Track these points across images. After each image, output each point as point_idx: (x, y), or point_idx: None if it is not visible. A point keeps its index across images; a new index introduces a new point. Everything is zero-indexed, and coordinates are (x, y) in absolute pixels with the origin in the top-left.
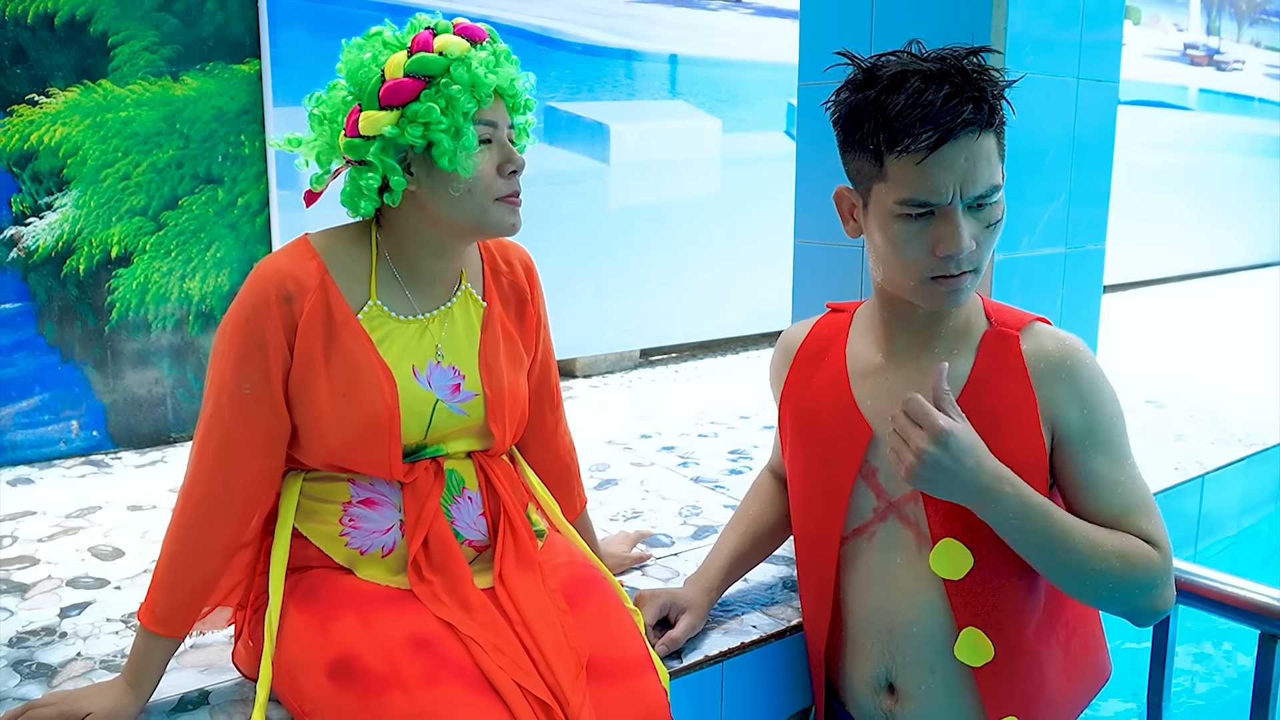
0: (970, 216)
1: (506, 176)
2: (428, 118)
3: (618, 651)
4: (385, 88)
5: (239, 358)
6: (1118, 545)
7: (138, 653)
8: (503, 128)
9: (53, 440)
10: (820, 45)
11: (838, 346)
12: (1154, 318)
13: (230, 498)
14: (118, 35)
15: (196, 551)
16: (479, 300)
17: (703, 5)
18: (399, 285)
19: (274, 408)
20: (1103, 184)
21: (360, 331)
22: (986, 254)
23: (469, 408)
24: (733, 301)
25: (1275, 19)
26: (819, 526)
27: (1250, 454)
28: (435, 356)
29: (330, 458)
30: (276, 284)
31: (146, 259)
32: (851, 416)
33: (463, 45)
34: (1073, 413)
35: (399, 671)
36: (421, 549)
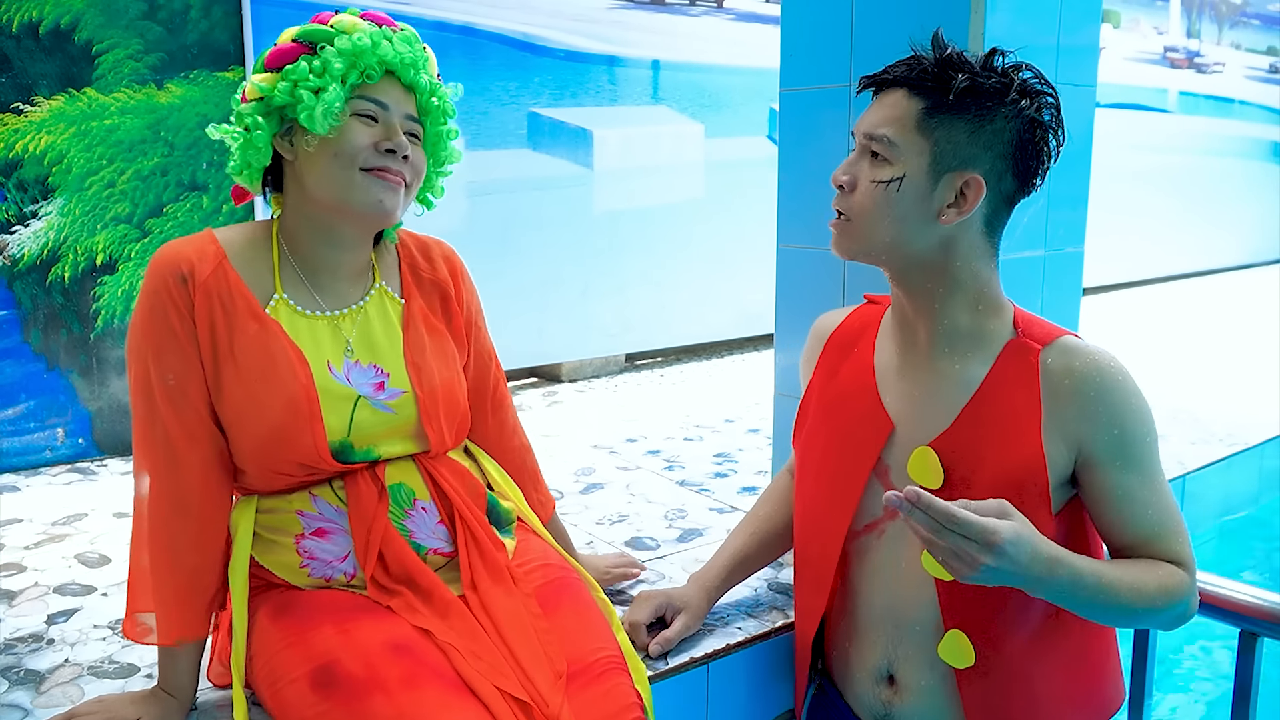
0: (864, 157)
1: (380, 151)
2: (296, 75)
3: (591, 654)
4: (271, 53)
5: (155, 349)
6: (1159, 583)
7: (164, 665)
8: (396, 113)
9: (38, 448)
10: (801, 51)
11: (868, 339)
12: (1134, 319)
13: (187, 491)
14: (102, 44)
15: (174, 552)
16: (396, 298)
17: (684, 11)
18: (301, 281)
19: (200, 392)
20: (1081, 187)
21: (267, 318)
22: (866, 205)
23: (397, 405)
24: (717, 305)
25: (1255, 21)
26: (827, 517)
27: (1231, 454)
28: (348, 353)
29: (257, 454)
30: (171, 266)
31: (132, 266)
32: (875, 410)
33: (357, 25)
34: (1101, 431)
35: (379, 675)
36: (380, 568)
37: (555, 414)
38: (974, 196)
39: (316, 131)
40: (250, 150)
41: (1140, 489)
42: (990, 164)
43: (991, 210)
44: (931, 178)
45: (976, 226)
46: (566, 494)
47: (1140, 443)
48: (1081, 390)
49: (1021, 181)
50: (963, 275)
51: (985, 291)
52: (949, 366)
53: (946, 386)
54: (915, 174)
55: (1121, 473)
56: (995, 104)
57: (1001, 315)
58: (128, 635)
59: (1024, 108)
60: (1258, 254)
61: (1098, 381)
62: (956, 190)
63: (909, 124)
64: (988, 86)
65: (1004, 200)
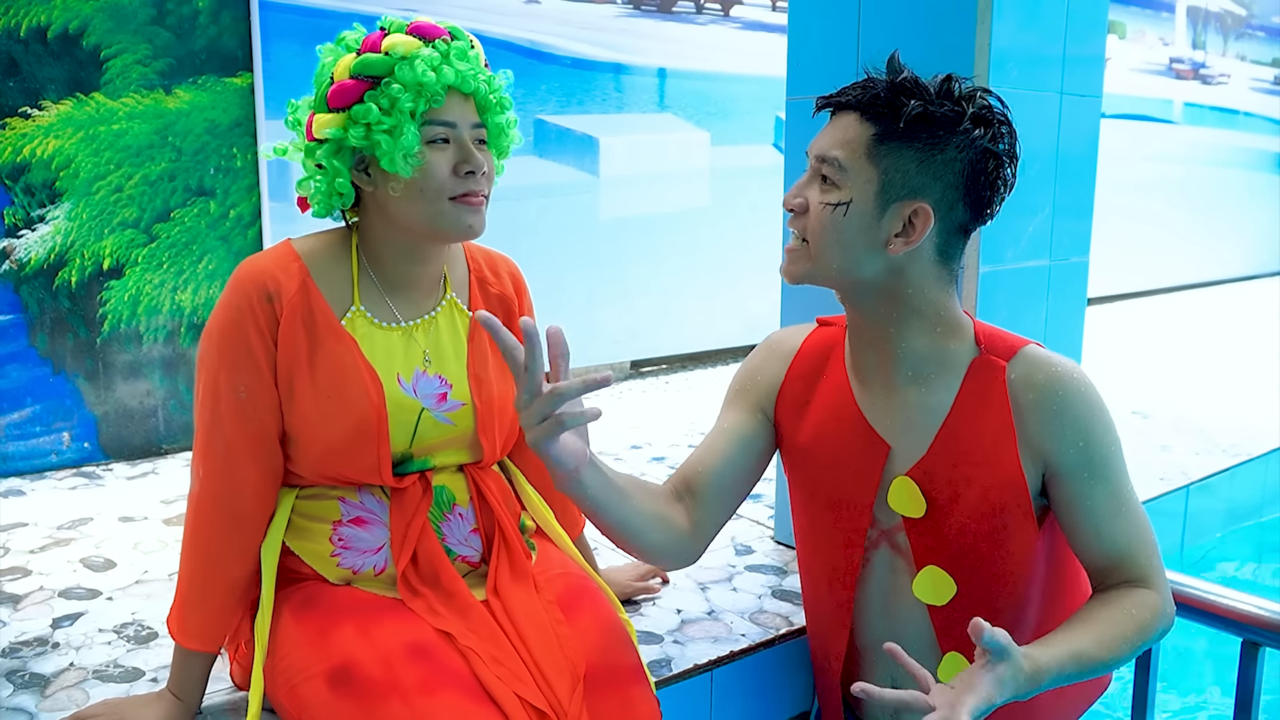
0: (814, 180)
1: (461, 176)
2: (368, 118)
3: (611, 661)
4: (331, 90)
5: (231, 363)
6: (1136, 626)
7: (178, 668)
8: (464, 127)
9: (44, 452)
10: (808, 60)
11: (836, 362)
12: (1139, 329)
13: (241, 503)
14: (110, 49)
15: (220, 561)
16: (465, 310)
17: (691, 19)
18: (379, 292)
19: (270, 408)
20: (1086, 197)
21: (345, 334)
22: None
23: (456, 417)
24: (723, 313)
25: (1261, 33)
26: (834, 544)
27: (1234, 464)
28: (423, 364)
29: (319, 465)
30: (257, 284)
31: (138, 271)
32: (866, 436)
33: (411, 44)
34: (1066, 445)
35: (397, 679)
36: (411, 565)
37: None
38: (922, 226)
39: (399, 174)
40: (333, 195)
41: (1107, 501)
42: (940, 194)
43: (943, 239)
44: (879, 206)
45: (928, 254)
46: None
47: (1106, 454)
48: (1045, 403)
49: (974, 212)
50: (916, 301)
51: (942, 314)
52: (913, 392)
53: (914, 412)
54: (862, 200)
55: (1088, 485)
56: (947, 133)
57: (961, 334)
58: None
59: (976, 137)
60: (1262, 265)
61: (1060, 394)
62: (904, 219)
63: (859, 149)
64: (939, 115)
65: (956, 229)
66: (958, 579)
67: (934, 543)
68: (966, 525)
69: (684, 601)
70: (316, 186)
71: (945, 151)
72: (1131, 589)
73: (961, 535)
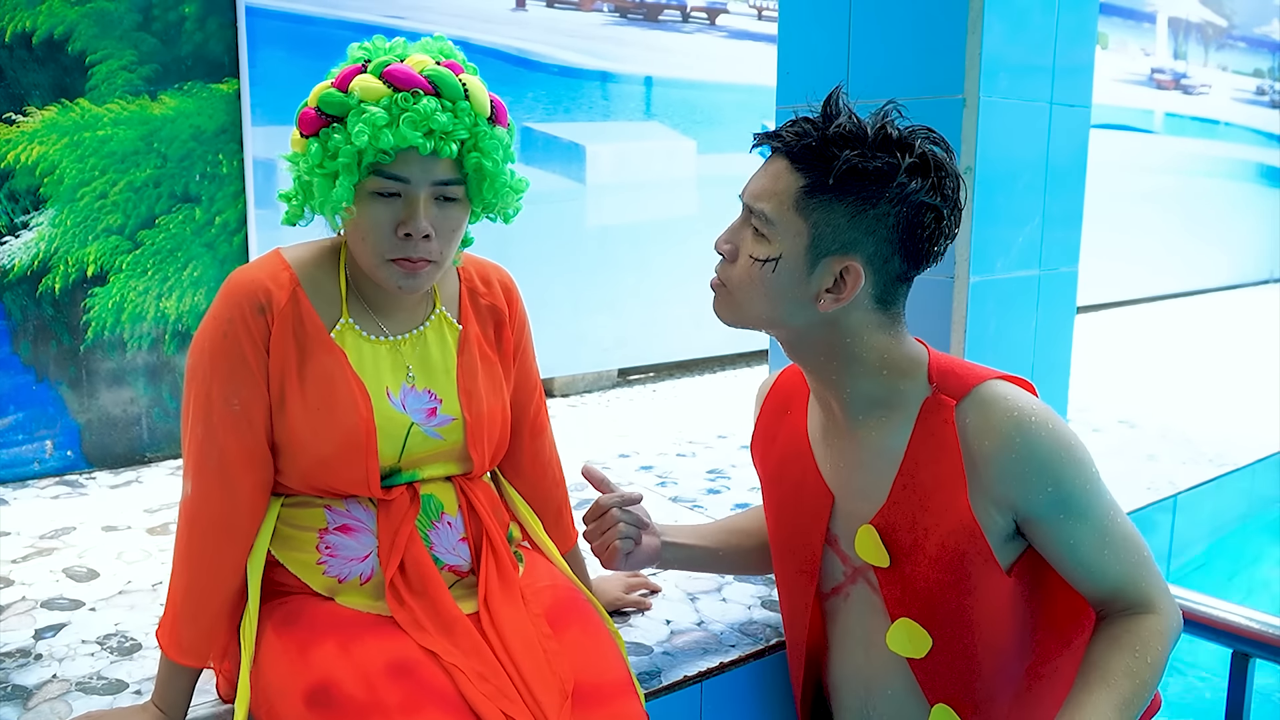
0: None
1: (400, 238)
2: (311, 158)
3: (599, 676)
4: (301, 115)
5: (225, 374)
6: (1151, 660)
7: (165, 681)
8: (420, 185)
9: (26, 460)
10: (798, 69)
11: (800, 402)
12: (1124, 339)
13: (236, 515)
14: (95, 54)
15: (214, 574)
16: (454, 323)
17: (677, 28)
18: (365, 308)
19: (264, 419)
20: (1075, 207)
21: (334, 346)
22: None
23: (446, 431)
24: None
25: (1242, 44)
26: (795, 583)
27: (1221, 474)
28: (408, 380)
29: (307, 476)
30: (249, 295)
31: (123, 278)
32: (814, 480)
33: (373, 92)
34: (1035, 491)
35: (379, 699)
36: (398, 573)
37: None
38: (853, 284)
39: (331, 222)
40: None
41: (1091, 537)
42: (874, 248)
43: (880, 289)
44: (809, 261)
45: (864, 304)
46: None
47: (1081, 491)
48: (1005, 449)
49: (912, 263)
50: (856, 348)
51: (886, 357)
52: (868, 434)
53: (870, 456)
54: (791, 255)
55: (1068, 525)
56: (879, 186)
57: (913, 373)
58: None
59: (912, 191)
60: (1245, 275)
61: (1021, 439)
62: (835, 275)
63: (787, 202)
64: (872, 169)
65: (893, 279)
66: (931, 630)
67: (903, 594)
68: (930, 575)
69: (673, 613)
70: (291, 191)
71: (878, 206)
72: (1136, 620)
73: (929, 586)
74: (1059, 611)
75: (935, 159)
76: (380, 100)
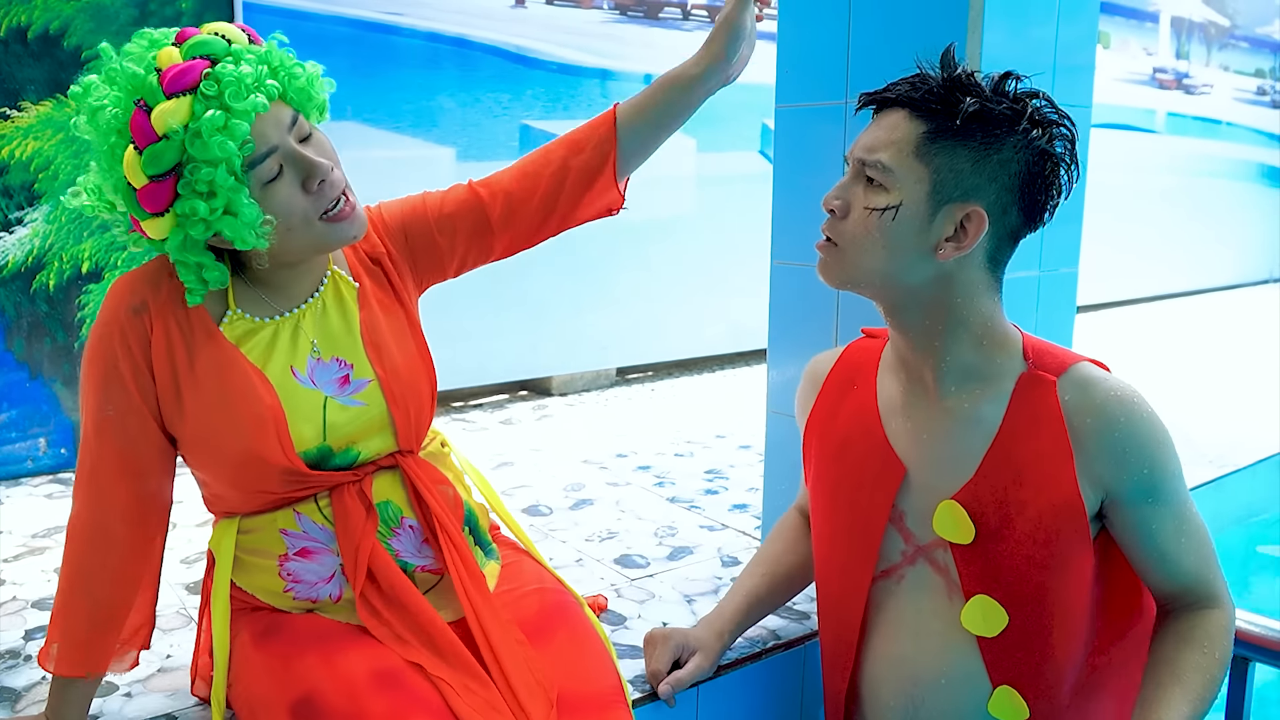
0: (858, 181)
1: (316, 190)
2: (198, 214)
3: (588, 685)
4: (140, 197)
5: (99, 381)
6: (1219, 658)
7: (55, 696)
8: (283, 139)
9: (19, 458)
10: (797, 67)
11: (867, 376)
12: (1123, 339)
13: (109, 524)
14: (91, 49)
15: (89, 581)
16: (350, 281)
17: (677, 26)
18: (256, 293)
19: (141, 428)
20: (1076, 207)
21: (223, 339)
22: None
23: (364, 397)
24: (709, 320)
25: (1244, 44)
26: (846, 566)
27: (1221, 475)
28: (313, 353)
29: (235, 479)
30: (125, 299)
31: (117, 275)
32: (883, 453)
33: (183, 111)
34: (1130, 472)
35: (363, 709)
36: (370, 584)
37: (545, 428)
38: (975, 231)
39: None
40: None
41: (1171, 524)
42: (995, 196)
43: (994, 245)
44: (930, 208)
45: (978, 261)
46: (555, 510)
47: (1171, 477)
48: (1107, 428)
49: (1028, 216)
50: (964, 312)
51: (990, 325)
52: (959, 406)
53: (960, 429)
54: (912, 202)
55: (1152, 510)
56: (1004, 132)
57: (1009, 347)
58: (40, 662)
59: (1035, 138)
60: (1246, 274)
61: (1124, 420)
62: (957, 223)
63: (908, 149)
64: (997, 113)
65: (1008, 235)
66: (1010, 609)
67: (983, 570)
68: (1019, 552)
69: (670, 614)
70: (186, 281)
71: (1002, 152)
72: (1203, 616)
73: (1014, 563)
74: (1119, 602)
75: (1057, 111)
76: (194, 108)
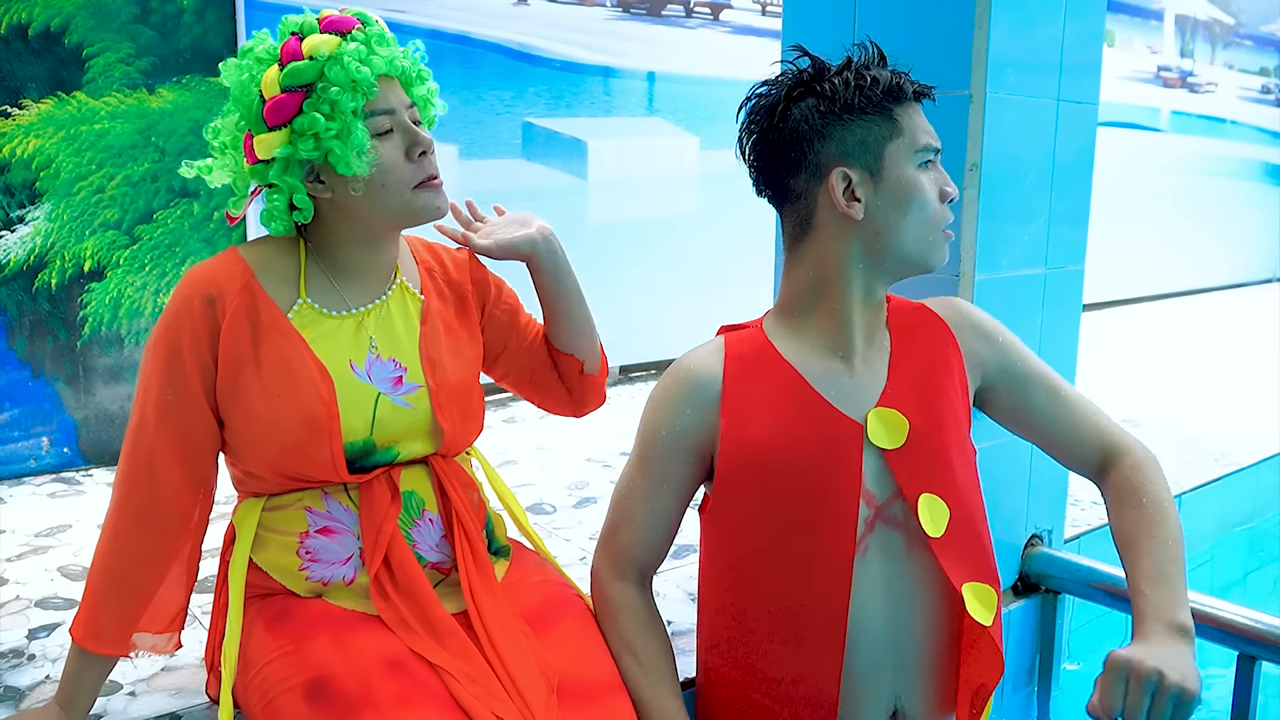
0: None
1: (416, 160)
2: (314, 128)
3: (588, 674)
4: (267, 108)
5: (163, 364)
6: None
7: (70, 676)
8: (401, 110)
9: (23, 457)
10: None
11: (772, 359)
12: (1127, 337)
13: (160, 506)
14: (93, 47)
15: (134, 563)
16: (416, 294)
17: (680, 23)
18: (329, 282)
19: (198, 413)
20: (1082, 205)
21: (291, 330)
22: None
23: (414, 399)
24: (712, 318)
25: (1248, 42)
26: (822, 551)
27: (1226, 474)
28: (372, 349)
29: (276, 464)
30: (199, 289)
31: (120, 273)
32: (835, 419)
33: (332, 42)
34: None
35: (373, 692)
36: (383, 569)
37: (548, 426)
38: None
39: (359, 174)
40: (292, 211)
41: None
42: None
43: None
44: None
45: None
46: (559, 508)
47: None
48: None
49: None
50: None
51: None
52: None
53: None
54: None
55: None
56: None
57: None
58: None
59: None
60: (1250, 273)
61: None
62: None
63: None
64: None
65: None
66: (948, 502)
67: (921, 467)
68: (942, 443)
69: (673, 613)
70: (273, 205)
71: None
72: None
73: (944, 456)
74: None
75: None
76: (342, 44)
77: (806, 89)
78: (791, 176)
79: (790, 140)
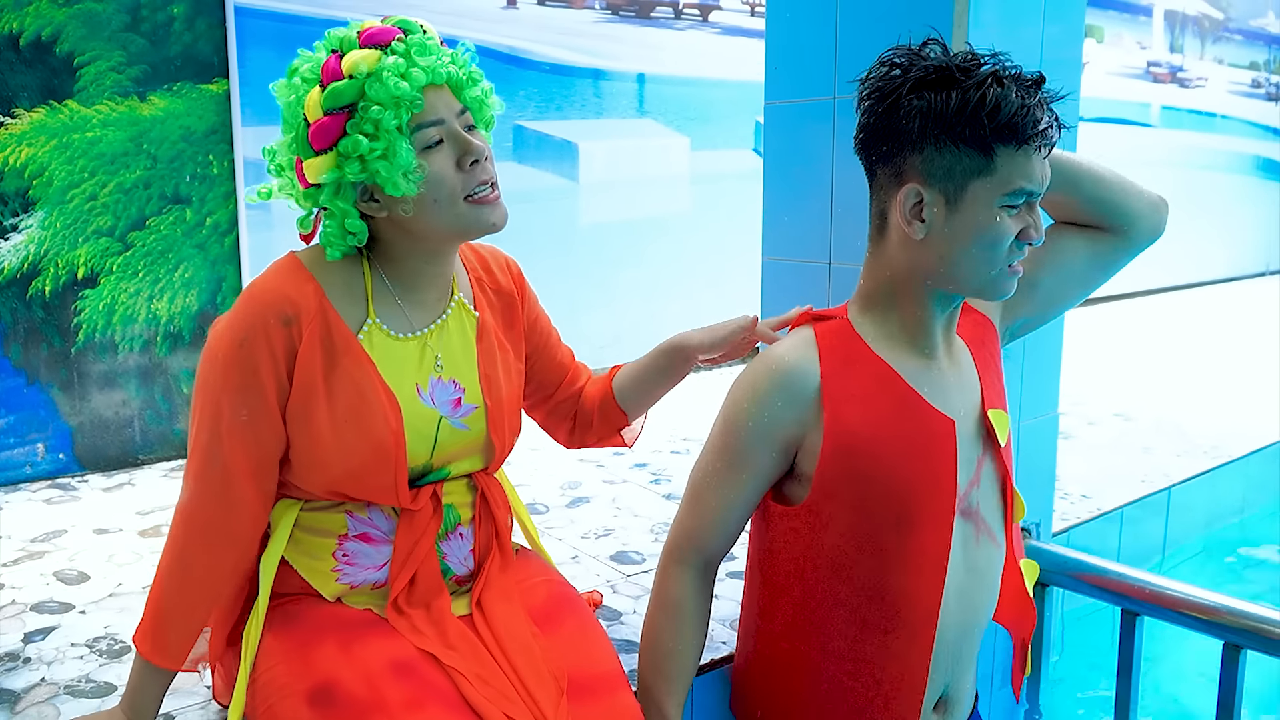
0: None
1: (468, 170)
2: (359, 150)
3: (593, 669)
4: (311, 132)
5: (236, 385)
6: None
7: (136, 687)
8: (451, 118)
9: (18, 464)
10: (786, 64)
11: (864, 353)
12: (1120, 332)
13: (234, 523)
14: (84, 55)
15: (204, 579)
16: (472, 311)
17: (669, 25)
18: (395, 301)
19: (272, 432)
20: None
21: (363, 355)
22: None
23: (470, 421)
24: (703, 318)
25: (1238, 37)
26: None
27: (1215, 466)
28: (435, 370)
29: (333, 485)
30: (275, 308)
31: (113, 280)
32: (931, 416)
33: (371, 58)
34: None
35: (381, 697)
36: (408, 584)
37: None
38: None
39: (408, 194)
40: (346, 235)
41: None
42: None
43: None
44: None
45: None
46: (552, 508)
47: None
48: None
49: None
50: None
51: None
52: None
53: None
54: None
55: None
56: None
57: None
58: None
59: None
60: (1241, 268)
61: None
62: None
63: None
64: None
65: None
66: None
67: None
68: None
69: None
70: (328, 231)
71: None
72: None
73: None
74: None
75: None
76: (382, 59)
77: (927, 88)
78: (880, 165)
79: (887, 134)
